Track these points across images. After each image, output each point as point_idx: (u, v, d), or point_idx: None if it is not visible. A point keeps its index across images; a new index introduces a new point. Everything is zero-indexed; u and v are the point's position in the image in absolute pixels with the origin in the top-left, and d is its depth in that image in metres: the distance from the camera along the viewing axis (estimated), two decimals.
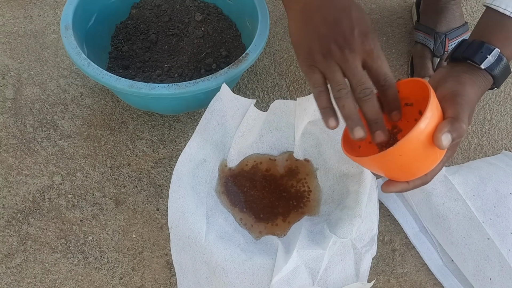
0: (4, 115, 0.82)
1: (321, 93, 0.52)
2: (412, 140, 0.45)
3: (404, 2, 1.06)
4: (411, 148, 0.46)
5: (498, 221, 0.67)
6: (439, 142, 0.46)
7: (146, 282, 0.68)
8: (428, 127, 0.46)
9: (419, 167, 0.49)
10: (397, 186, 0.52)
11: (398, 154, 0.46)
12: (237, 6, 0.84)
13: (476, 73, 0.56)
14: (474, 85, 0.55)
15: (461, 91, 0.52)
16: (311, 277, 0.59)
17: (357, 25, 0.50)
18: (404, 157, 0.47)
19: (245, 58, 0.71)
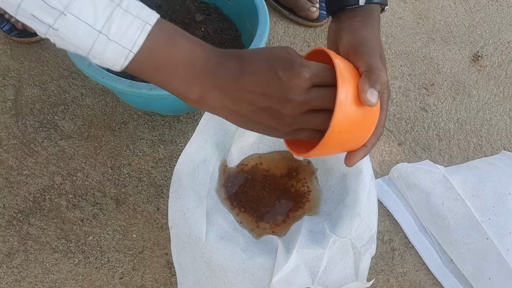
0: (5, 115, 0.82)
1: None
2: (340, 115, 0.44)
3: (404, 3, 1.07)
4: (346, 121, 0.45)
5: (497, 221, 0.67)
6: (368, 102, 0.45)
7: (146, 282, 0.68)
8: (349, 94, 0.45)
9: (364, 129, 0.48)
10: (358, 155, 0.50)
11: (337, 132, 0.45)
12: (237, 7, 0.85)
13: (361, 13, 0.55)
14: (367, 25, 0.54)
15: (360, 39, 0.51)
16: (311, 276, 0.59)
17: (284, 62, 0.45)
18: (344, 132, 0.45)
19: None
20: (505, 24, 1.05)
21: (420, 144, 0.85)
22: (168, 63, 0.44)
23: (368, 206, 0.63)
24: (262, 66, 0.45)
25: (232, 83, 0.45)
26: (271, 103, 0.45)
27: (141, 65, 0.44)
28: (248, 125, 0.48)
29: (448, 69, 0.96)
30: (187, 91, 0.45)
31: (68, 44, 0.42)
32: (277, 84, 0.44)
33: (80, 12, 0.40)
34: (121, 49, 0.42)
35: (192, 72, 0.45)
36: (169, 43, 0.45)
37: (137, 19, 0.43)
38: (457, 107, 0.90)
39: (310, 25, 0.99)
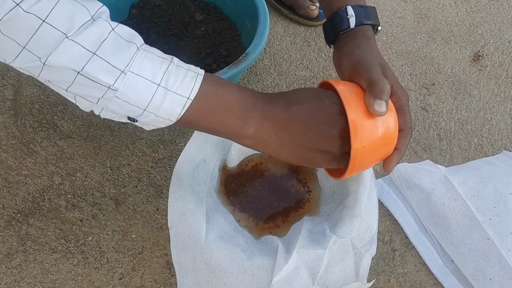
0: (4, 115, 0.82)
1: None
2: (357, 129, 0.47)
3: (404, 2, 1.06)
4: (365, 135, 0.48)
5: (498, 221, 0.67)
6: (378, 113, 0.48)
7: (146, 282, 0.68)
8: (359, 111, 0.48)
9: (386, 136, 0.50)
10: (393, 159, 0.53)
11: (361, 147, 0.47)
12: (237, 6, 0.84)
13: (355, 36, 0.59)
14: (361, 45, 0.57)
15: (356, 60, 0.54)
16: (311, 277, 0.59)
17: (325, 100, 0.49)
18: (367, 145, 0.48)
19: (244, 58, 0.71)
20: (506, 24, 1.05)
21: (420, 144, 0.84)
22: (221, 103, 0.48)
23: (369, 206, 0.63)
24: (307, 97, 0.50)
25: (283, 112, 0.49)
26: (322, 124, 0.48)
27: (197, 111, 0.47)
28: (300, 154, 0.51)
29: (449, 68, 0.96)
30: (242, 126, 0.49)
31: (125, 103, 0.44)
32: (325, 107, 0.49)
33: (140, 69, 0.43)
34: (179, 98, 0.45)
35: (244, 109, 0.49)
36: (220, 87, 0.48)
37: (189, 71, 0.47)
38: (458, 107, 0.90)
39: (310, 24, 0.99)
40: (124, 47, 0.43)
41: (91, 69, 0.41)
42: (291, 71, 0.92)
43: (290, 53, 0.95)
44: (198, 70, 0.48)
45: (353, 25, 0.59)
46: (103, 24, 0.43)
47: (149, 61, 0.44)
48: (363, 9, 0.60)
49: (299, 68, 0.93)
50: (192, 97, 0.46)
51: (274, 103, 0.49)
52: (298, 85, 0.90)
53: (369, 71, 0.52)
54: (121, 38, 0.44)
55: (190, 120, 0.48)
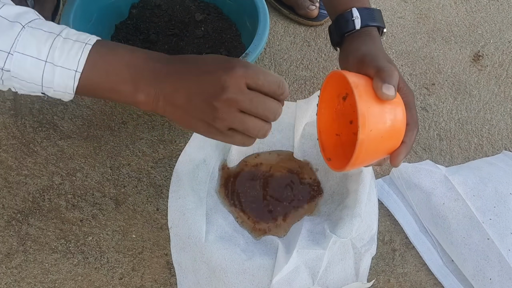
0: (4, 115, 0.82)
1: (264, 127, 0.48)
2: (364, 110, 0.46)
3: (404, 2, 1.06)
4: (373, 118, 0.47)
5: (498, 221, 0.67)
6: (386, 96, 0.48)
7: (146, 282, 0.68)
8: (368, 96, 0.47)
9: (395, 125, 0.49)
10: (401, 152, 0.52)
11: (368, 130, 0.46)
12: (237, 6, 0.84)
13: (361, 37, 0.59)
14: (368, 43, 0.58)
15: (363, 53, 0.55)
16: (311, 277, 0.59)
17: (217, 61, 0.47)
18: (374, 130, 0.47)
19: (244, 58, 0.71)
20: (506, 24, 1.05)
21: (421, 144, 0.84)
22: (111, 70, 0.47)
23: (369, 206, 0.63)
24: (202, 62, 0.48)
25: (172, 76, 0.47)
26: (205, 94, 0.46)
27: (89, 81, 0.47)
28: (186, 121, 0.49)
29: (449, 68, 0.95)
30: (133, 92, 0.48)
31: (23, 82, 0.46)
32: (212, 76, 0.46)
33: (25, 48, 0.44)
34: (67, 71, 0.46)
35: (134, 72, 0.47)
36: (110, 54, 0.47)
37: (77, 43, 0.46)
38: (458, 107, 0.90)
39: (310, 24, 0.98)
40: (6, 28, 0.44)
41: None
42: (291, 71, 0.92)
43: (290, 53, 0.95)
44: (89, 39, 0.47)
45: (358, 27, 0.60)
46: None
47: (33, 38, 0.44)
48: (368, 11, 0.61)
49: (299, 68, 0.93)
50: (80, 69, 0.46)
51: (168, 66, 0.48)
52: (298, 85, 0.90)
53: (377, 60, 0.52)
54: (5, 19, 0.44)
55: (86, 91, 0.48)
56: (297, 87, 0.90)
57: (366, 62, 0.53)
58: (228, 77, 0.45)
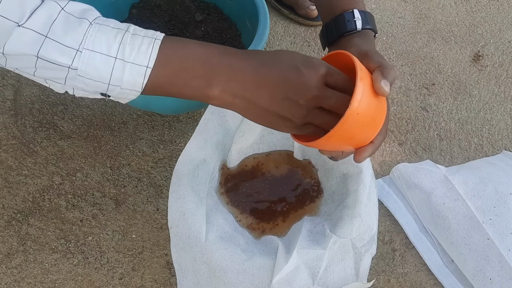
0: (4, 115, 0.82)
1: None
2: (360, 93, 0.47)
3: (404, 2, 1.06)
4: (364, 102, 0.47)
5: (498, 221, 0.67)
6: (382, 90, 0.48)
7: (146, 282, 0.68)
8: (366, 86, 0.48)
9: (375, 118, 0.50)
10: (367, 150, 0.52)
11: (355, 113, 0.47)
12: (237, 6, 0.84)
13: (359, 35, 0.60)
14: (368, 42, 0.59)
15: (365, 50, 0.55)
16: (311, 277, 0.59)
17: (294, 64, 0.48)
18: (361, 115, 0.47)
19: None
20: (506, 24, 1.05)
21: (421, 144, 0.84)
22: (183, 65, 0.46)
23: (369, 206, 0.63)
24: (282, 60, 0.48)
25: (252, 74, 0.47)
26: (291, 92, 0.47)
27: (159, 78, 0.46)
28: (263, 117, 0.50)
29: (449, 68, 0.95)
30: (206, 88, 0.47)
31: (89, 80, 0.44)
32: (297, 75, 0.47)
33: (94, 45, 0.43)
34: (138, 67, 0.44)
35: (209, 68, 0.47)
36: (181, 48, 0.46)
37: (146, 38, 0.45)
38: (458, 107, 0.90)
39: (310, 24, 0.99)
40: (75, 25, 0.43)
41: (46, 52, 0.42)
42: None
43: None
44: (157, 34, 0.46)
45: (360, 27, 0.60)
46: (52, 5, 0.43)
47: (102, 35, 0.43)
48: (366, 14, 0.62)
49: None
50: (151, 65, 0.45)
51: (244, 60, 0.47)
52: None
53: (379, 57, 0.52)
54: (71, 16, 0.43)
55: (155, 88, 0.46)
56: None
57: (368, 56, 0.53)
58: (313, 76, 0.47)
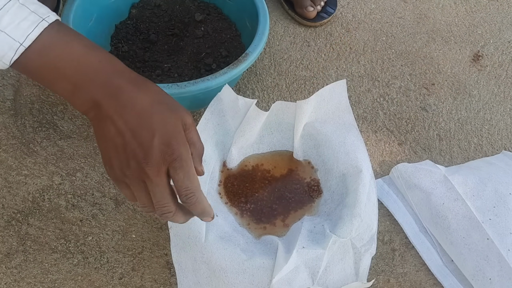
0: (4, 115, 0.82)
1: (143, 208, 0.47)
2: None
3: (404, 2, 1.06)
4: None
5: (498, 221, 0.67)
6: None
7: (146, 282, 0.68)
8: None
9: None
10: None
11: None
12: (237, 6, 0.84)
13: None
14: None
15: None
16: (311, 277, 0.59)
17: (158, 131, 0.43)
18: None
19: (244, 58, 0.71)
20: (506, 24, 1.05)
21: (420, 144, 0.84)
22: (57, 62, 0.43)
23: (368, 206, 0.63)
24: (152, 112, 0.43)
25: (114, 108, 0.43)
26: (132, 144, 0.43)
27: (29, 61, 0.42)
28: (101, 145, 0.45)
29: (448, 69, 0.96)
30: (70, 97, 0.44)
31: None
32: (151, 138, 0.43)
33: None
34: (12, 41, 0.41)
35: (82, 76, 0.43)
36: (64, 43, 0.43)
37: (33, 14, 0.41)
38: (457, 107, 0.90)
39: (305, 23, 0.99)
40: None
41: None
42: (291, 71, 0.92)
43: (290, 53, 0.95)
44: (48, 15, 0.42)
45: None
46: None
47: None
48: None
49: (299, 68, 0.93)
50: (27, 44, 0.41)
51: (118, 88, 0.43)
52: (298, 85, 0.90)
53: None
54: None
55: (23, 69, 0.43)
56: (297, 87, 0.90)
57: None
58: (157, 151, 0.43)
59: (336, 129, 0.69)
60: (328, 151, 0.69)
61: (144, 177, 0.44)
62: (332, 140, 0.68)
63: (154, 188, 0.44)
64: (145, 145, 0.43)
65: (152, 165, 0.43)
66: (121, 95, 0.43)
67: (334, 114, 0.71)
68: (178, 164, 0.44)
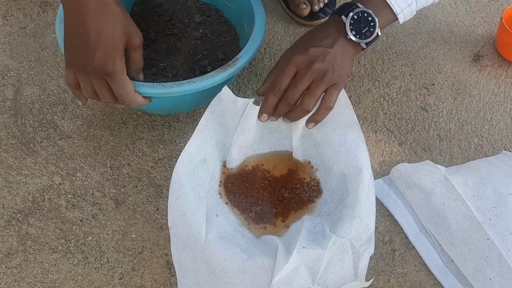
0: (4, 115, 0.82)
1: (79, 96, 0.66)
2: None
3: None
4: None
5: (498, 221, 0.67)
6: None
7: (146, 282, 0.68)
8: None
9: None
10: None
11: None
12: (237, 10, 0.84)
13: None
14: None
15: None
16: (311, 276, 0.59)
17: (101, 47, 0.58)
18: None
19: (234, 63, 0.70)
20: None
21: (420, 144, 0.84)
22: None
23: (367, 206, 0.63)
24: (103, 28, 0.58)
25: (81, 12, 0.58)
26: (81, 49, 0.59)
27: None
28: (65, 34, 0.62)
29: (448, 69, 0.96)
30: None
31: None
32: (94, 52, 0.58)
33: None
34: None
35: None
36: None
37: None
38: (457, 107, 0.90)
39: (302, 22, 0.99)
40: None
41: None
42: None
43: None
44: None
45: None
46: None
47: None
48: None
49: None
50: None
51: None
52: None
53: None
54: None
55: None
56: None
57: None
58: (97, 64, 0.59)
59: (337, 127, 0.69)
60: (328, 151, 0.69)
61: (87, 74, 0.61)
62: (332, 139, 0.68)
63: (95, 85, 0.62)
64: (89, 54, 0.58)
65: (91, 71, 0.60)
66: (88, 3, 0.57)
67: (334, 111, 0.71)
68: (112, 78, 0.60)
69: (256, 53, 0.74)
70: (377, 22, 0.66)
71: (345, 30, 0.66)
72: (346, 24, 0.66)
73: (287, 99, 0.66)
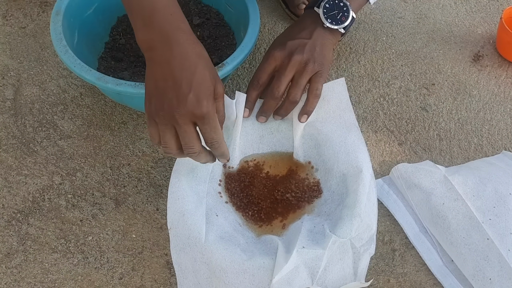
0: (4, 115, 0.82)
1: (165, 149, 0.57)
2: None
3: (404, 2, 1.06)
4: None
5: (498, 221, 0.67)
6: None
7: (146, 282, 0.68)
8: None
9: None
10: None
11: None
12: (237, 15, 0.83)
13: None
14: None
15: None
16: (310, 276, 0.59)
17: (194, 88, 0.53)
18: None
19: (219, 69, 0.68)
20: None
21: (420, 144, 0.84)
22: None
23: (368, 206, 0.63)
24: (195, 71, 0.53)
25: (167, 56, 0.53)
26: (171, 92, 0.53)
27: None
28: (147, 83, 0.56)
29: (448, 69, 0.96)
30: (137, 31, 0.55)
31: None
32: (187, 92, 0.52)
33: None
34: None
35: (148, 20, 0.54)
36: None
37: None
38: (457, 107, 0.90)
39: None
40: None
41: None
42: None
43: None
44: None
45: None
46: None
47: None
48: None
49: None
50: None
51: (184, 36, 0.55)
52: None
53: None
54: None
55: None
56: None
57: None
58: (190, 105, 0.53)
59: (337, 128, 0.69)
60: (329, 151, 0.69)
61: (173, 122, 0.53)
62: (333, 140, 0.68)
63: (182, 133, 0.54)
64: (181, 96, 0.52)
65: (182, 115, 0.53)
66: (176, 47, 0.53)
67: (334, 113, 0.71)
68: (206, 120, 0.54)
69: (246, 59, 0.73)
70: (349, 5, 0.69)
71: (321, 20, 0.68)
72: (319, 13, 0.68)
73: (272, 93, 0.67)
